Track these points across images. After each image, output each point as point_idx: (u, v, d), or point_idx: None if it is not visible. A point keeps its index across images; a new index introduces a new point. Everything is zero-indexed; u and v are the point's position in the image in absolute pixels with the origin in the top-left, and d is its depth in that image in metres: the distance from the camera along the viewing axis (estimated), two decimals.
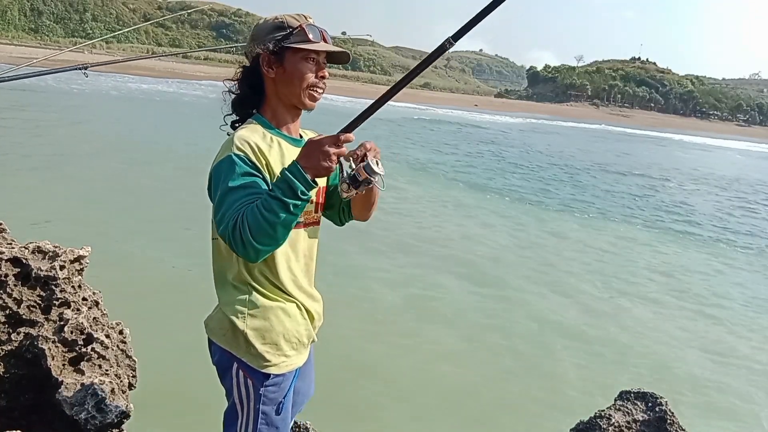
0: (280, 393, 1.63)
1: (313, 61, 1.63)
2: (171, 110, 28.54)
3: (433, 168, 18.48)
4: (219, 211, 1.46)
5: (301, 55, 1.60)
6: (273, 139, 1.60)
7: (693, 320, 7.55)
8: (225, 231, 1.43)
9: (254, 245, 1.40)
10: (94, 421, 2.29)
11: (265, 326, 1.59)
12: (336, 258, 7.54)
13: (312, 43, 1.60)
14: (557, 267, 9.15)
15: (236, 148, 1.51)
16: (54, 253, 2.57)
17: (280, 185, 1.43)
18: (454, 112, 59.27)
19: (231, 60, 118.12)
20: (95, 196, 9.88)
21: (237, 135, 1.55)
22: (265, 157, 1.54)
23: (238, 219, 1.40)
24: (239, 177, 1.47)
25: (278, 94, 1.64)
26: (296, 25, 1.59)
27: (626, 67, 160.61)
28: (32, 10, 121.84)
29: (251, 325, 1.58)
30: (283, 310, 1.63)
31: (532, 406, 4.96)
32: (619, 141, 49.97)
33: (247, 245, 1.40)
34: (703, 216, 15.71)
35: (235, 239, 1.40)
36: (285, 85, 1.62)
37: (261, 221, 1.39)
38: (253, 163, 1.51)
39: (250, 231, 1.39)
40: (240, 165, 1.48)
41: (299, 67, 1.61)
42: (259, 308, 1.59)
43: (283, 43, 1.58)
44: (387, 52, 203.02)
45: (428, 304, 6.95)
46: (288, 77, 1.61)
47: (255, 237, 1.39)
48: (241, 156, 1.50)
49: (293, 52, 1.60)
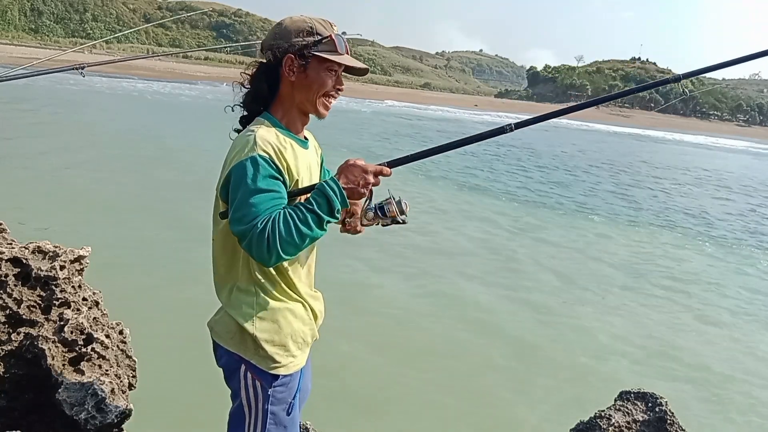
0: (288, 393, 1.64)
1: (334, 73, 1.64)
2: (170, 111, 28.55)
3: (433, 169, 18.47)
4: (241, 209, 1.44)
5: (327, 66, 1.61)
6: (286, 141, 1.59)
7: (694, 320, 7.54)
8: (249, 231, 1.41)
9: (279, 252, 1.40)
10: (94, 421, 2.29)
11: (274, 328, 1.60)
12: (335, 256, 7.54)
13: (340, 56, 1.61)
14: (556, 267, 9.15)
15: (260, 149, 1.49)
16: (54, 253, 2.58)
17: (319, 200, 1.44)
18: (454, 113, 59.34)
19: (231, 60, 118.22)
20: (95, 197, 9.88)
21: (258, 135, 1.52)
22: (285, 160, 1.54)
23: (267, 223, 1.40)
24: (264, 179, 1.46)
25: (294, 97, 1.63)
26: (326, 34, 1.60)
27: (626, 67, 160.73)
28: (32, 10, 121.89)
29: (260, 327, 1.58)
30: (290, 311, 1.64)
31: (532, 406, 4.96)
32: (620, 141, 49.98)
33: (272, 250, 1.40)
34: (716, 219, 15.69)
35: (260, 242, 1.39)
36: (303, 91, 1.62)
37: (293, 232, 1.40)
38: (277, 166, 1.50)
39: (279, 239, 1.39)
40: (265, 167, 1.47)
41: (321, 75, 1.61)
42: (267, 310, 1.59)
43: (312, 51, 1.58)
44: (387, 52, 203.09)
45: (428, 304, 6.95)
46: (308, 83, 1.61)
47: (282, 245, 1.40)
48: (266, 158, 1.49)
49: (319, 61, 1.60)
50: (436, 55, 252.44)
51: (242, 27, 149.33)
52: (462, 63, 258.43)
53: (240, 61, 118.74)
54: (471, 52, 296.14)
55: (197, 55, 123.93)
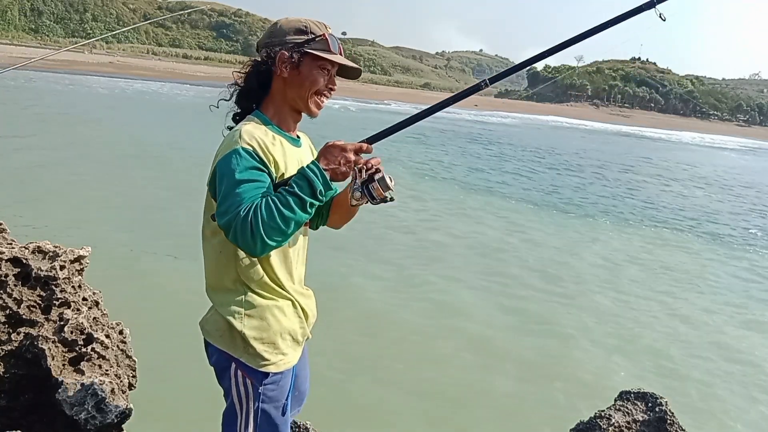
0: (279, 391, 1.64)
1: (327, 72, 1.66)
2: (171, 111, 28.54)
3: (438, 169, 18.47)
4: (225, 202, 1.44)
5: (319, 64, 1.63)
6: (275, 137, 1.60)
7: (695, 320, 7.54)
8: (233, 220, 1.40)
9: (263, 237, 1.38)
10: (94, 421, 2.29)
11: (263, 326, 1.60)
12: (333, 255, 7.54)
13: (332, 54, 1.63)
14: (555, 267, 9.15)
15: (244, 143, 1.50)
16: (54, 253, 2.58)
17: (299, 182, 1.43)
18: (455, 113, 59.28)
19: (231, 60, 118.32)
20: (95, 196, 9.88)
21: (244, 129, 1.54)
22: (271, 154, 1.55)
23: (250, 210, 1.39)
24: (247, 171, 1.46)
25: (285, 94, 1.65)
26: (320, 33, 1.63)
27: (626, 67, 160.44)
28: (32, 10, 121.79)
29: (249, 325, 1.58)
30: (278, 309, 1.63)
31: (532, 407, 4.96)
32: (620, 141, 49.97)
33: (256, 236, 1.38)
34: (720, 218, 15.69)
35: (244, 229, 1.38)
36: (294, 88, 1.63)
37: (276, 216, 1.39)
38: (261, 159, 1.51)
39: (263, 224, 1.38)
40: (248, 159, 1.48)
41: (314, 73, 1.63)
42: (255, 308, 1.60)
43: (305, 48, 1.61)
44: (387, 52, 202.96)
45: (427, 304, 6.95)
46: (300, 81, 1.62)
47: (266, 230, 1.38)
48: (249, 150, 1.49)
49: (312, 58, 1.62)
50: (436, 55, 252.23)
51: (242, 27, 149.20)
52: (462, 63, 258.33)
53: (240, 61, 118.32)
54: (471, 52, 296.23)
55: (197, 54, 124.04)
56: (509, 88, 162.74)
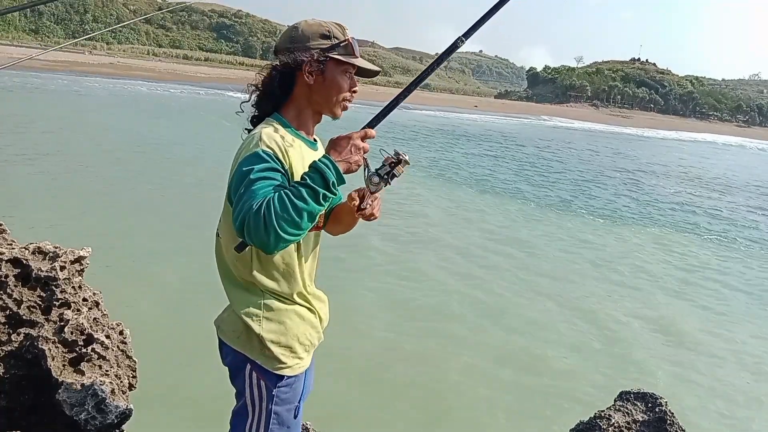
0: (292, 394, 1.65)
1: (349, 75, 1.66)
2: (172, 112, 28.55)
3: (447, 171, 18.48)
4: (240, 201, 1.41)
5: (343, 68, 1.64)
6: (294, 141, 1.60)
7: (696, 320, 7.54)
8: (246, 216, 1.37)
9: (277, 231, 1.35)
10: (94, 422, 2.29)
11: (281, 329, 1.60)
12: (337, 258, 7.54)
13: (356, 59, 1.65)
14: (555, 267, 9.15)
15: (264, 145, 1.50)
16: (54, 253, 2.58)
17: (312, 175, 1.42)
18: (455, 114, 59.29)
19: (232, 61, 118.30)
20: (95, 197, 9.88)
21: (264, 132, 1.54)
22: (289, 158, 1.55)
23: (263, 203, 1.37)
24: (265, 171, 1.46)
25: (310, 99, 1.65)
26: (343, 38, 1.63)
27: (626, 67, 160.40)
28: (32, 11, 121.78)
29: (267, 328, 1.59)
30: (297, 314, 1.65)
31: (532, 407, 4.96)
32: (620, 142, 49.96)
33: (269, 229, 1.34)
34: (720, 218, 15.70)
35: (257, 223, 1.35)
36: (321, 94, 1.64)
37: (289, 207, 1.36)
38: (280, 161, 1.50)
39: (275, 216, 1.35)
40: (267, 160, 1.48)
41: (338, 78, 1.64)
42: (274, 311, 1.60)
43: (329, 54, 1.61)
44: (387, 53, 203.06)
45: (427, 304, 6.95)
46: (327, 87, 1.63)
47: (279, 222, 1.35)
48: (269, 153, 1.49)
49: (336, 63, 1.62)
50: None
51: (242, 28, 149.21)
52: (461, 64, 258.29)
53: (240, 62, 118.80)
54: (470, 53, 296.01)
55: (198, 55, 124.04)
56: (509, 89, 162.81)
